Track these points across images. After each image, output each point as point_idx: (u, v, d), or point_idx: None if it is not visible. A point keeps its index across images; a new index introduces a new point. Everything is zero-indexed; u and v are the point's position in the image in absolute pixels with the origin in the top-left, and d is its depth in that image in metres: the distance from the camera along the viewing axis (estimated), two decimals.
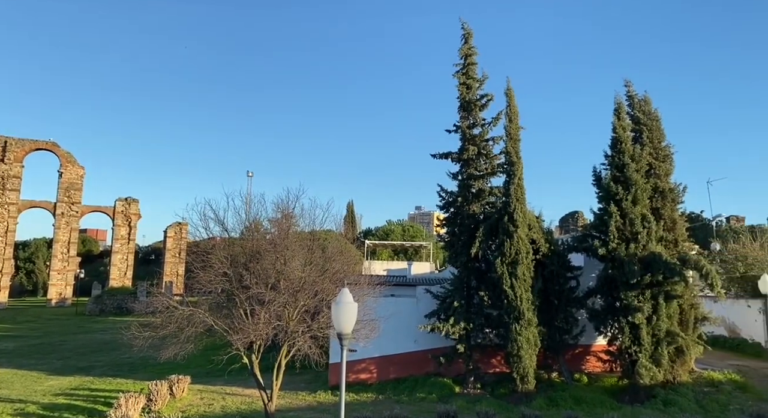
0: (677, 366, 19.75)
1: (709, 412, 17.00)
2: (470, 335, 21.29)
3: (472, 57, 22.80)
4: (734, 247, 34.90)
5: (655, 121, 22.75)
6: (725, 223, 53.13)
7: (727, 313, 29.09)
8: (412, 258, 50.07)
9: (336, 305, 7.32)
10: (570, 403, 18.16)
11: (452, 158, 23.21)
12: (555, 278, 21.40)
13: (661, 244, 21.00)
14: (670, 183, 22.61)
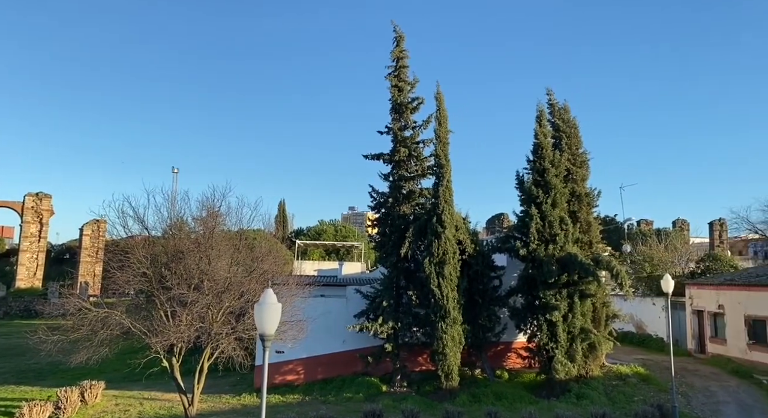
0: (590, 361, 21.00)
1: (616, 403, 18.22)
2: (398, 334, 21.59)
3: (403, 60, 23.15)
4: (643, 249, 37.52)
5: (574, 129, 24.10)
6: (636, 226, 57.00)
7: (635, 310, 31.24)
8: (344, 258, 50.02)
9: (259, 305, 7.21)
10: (491, 399, 18.85)
11: (384, 159, 23.45)
12: (479, 277, 22.12)
13: (577, 245, 22.23)
14: (586, 188, 24.02)
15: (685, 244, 42.11)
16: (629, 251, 39.38)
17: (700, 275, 32.69)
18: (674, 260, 36.52)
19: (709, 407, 17.62)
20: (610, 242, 39.01)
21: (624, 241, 43.98)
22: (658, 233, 48.44)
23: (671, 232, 51.04)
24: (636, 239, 43.21)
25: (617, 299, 26.69)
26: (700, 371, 22.74)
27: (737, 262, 40.06)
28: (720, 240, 59.71)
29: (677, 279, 28.34)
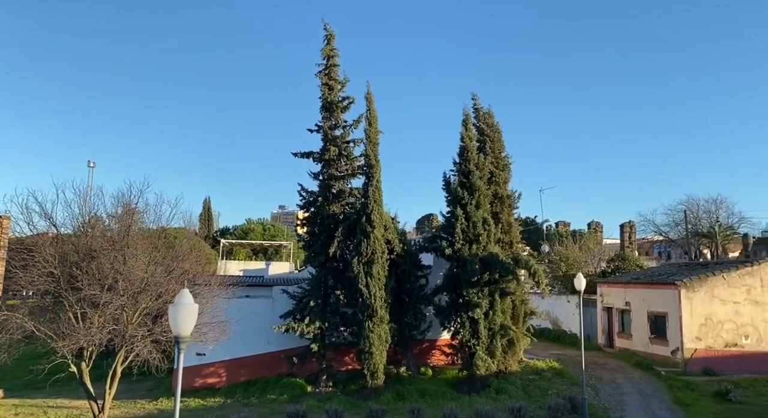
0: (509, 357, 21.88)
1: (532, 397, 19.10)
2: (325, 334, 21.50)
3: (334, 58, 23.08)
4: (559, 249, 39.61)
5: (497, 133, 25.01)
6: (553, 227, 60.12)
7: (552, 308, 32.94)
8: (272, 258, 49.08)
9: (174, 306, 6.93)
10: (415, 396, 19.19)
11: (314, 158, 23.26)
12: (407, 276, 22.45)
13: (499, 245, 23.08)
14: (508, 190, 25.00)
15: (598, 244, 44.90)
16: (547, 251, 41.44)
17: (611, 274, 34.96)
18: (588, 259, 38.85)
19: (615, 398, 18.87)
20: (529, 242, 40.94)
21: (542, 241, 46.27)
22: (574, 234, 51.35)
23: (586, 233, 54.26)
24: (553, 239, 45.55)
25: (535, 296, 27.98)
26: (609, 364, 24.31)
27: (643, 262, 43.23)
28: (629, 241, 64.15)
29: (590, 278, 30.18)
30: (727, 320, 23.47)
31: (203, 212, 64.84)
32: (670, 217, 60.79)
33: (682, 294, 23.27)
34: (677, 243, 62.20)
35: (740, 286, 23.88)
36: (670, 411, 17.26)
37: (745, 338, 23.46)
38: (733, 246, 66.49)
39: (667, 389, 19.80)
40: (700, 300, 23.41)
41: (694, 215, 58.47)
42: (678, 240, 60.82)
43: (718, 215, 58.89)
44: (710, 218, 59.05)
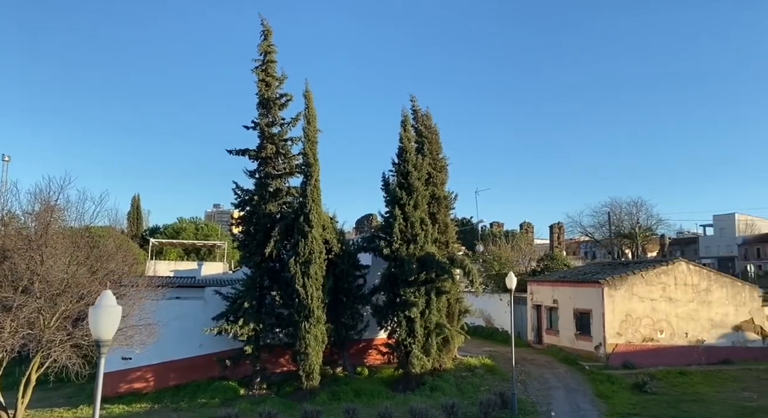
0: (443, 355, 22.32)
1: (465, 394, 19.58)
2: (260, 336, 21.07)
3: (271, 54, 22.65)
4: (493, 249, 40.89)
5: (435, 135, 25.47)
6: (488, 228, 62.11)
7: (485, 306, 33.89)
8: (205, 258, 47.54)
9: (95, 308, 6.55)
10: (351, 396, 19.19)
11: (250, 156, 22.74)
12: (345, 276, 22.39)
13: (436, 245, 23.47)
14: (445, 191, 25.50)
15: (529, 245, 46.67)
16: (481, 251, 42.68)
17: (540, 272, 36.45)
18: (519, 259, 40.34)
19: (542, 393, 19.68)
20: (464, 242, 42.01)
21: (477, 241, 47.60)
22: (507, 234, 53.19)
23: (518, 234, 56.30)
24: (488, 239, 46.96)
25: (469, 295, 28.68)
26: (537, 360, 25.31)
27: (570, 261, 45.35)
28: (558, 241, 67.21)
29: (521, 277, 31.30)
30: (645, 316, 25.04)
31: (132, 211, 61.83)
32: (596, 218, 64.45)
33: (605, 292, 24.60)
34: (602, 243, 65.89)
35: (657, 284, 25.56)
36: (592, 404, 18.20)
37: (660, 332, 25.12)
38: (652, 246, 71.29)
39: (590, 382, 20.86)
40: (621, 298, 24.84)
41: (617, 217, 62.18)
42: (602, 240, 64.42)
43: (639, 217, 62.97)
44: (631, 219, 62.99)
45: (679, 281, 25.91)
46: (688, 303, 25.75)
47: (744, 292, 27.07)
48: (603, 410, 17.41)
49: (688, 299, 25.79)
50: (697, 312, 25.80)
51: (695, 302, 25.88)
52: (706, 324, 25.83)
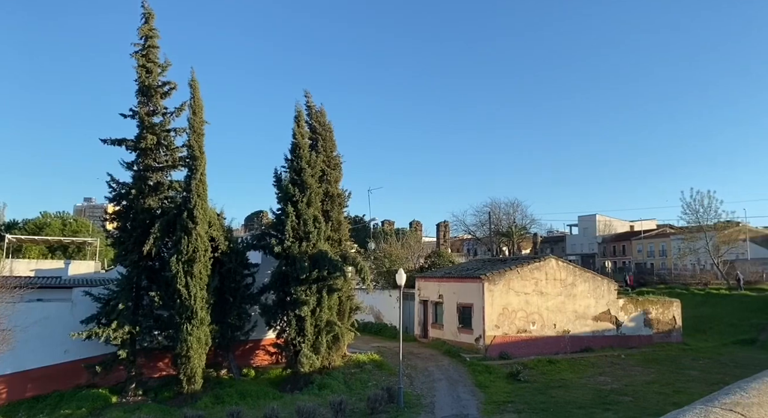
0: (333, 352, 22.36)
1: (353, 390, 19.81)
2: (136, 339, 19.66)
3: (153, 39, 21.17)
4: (384, 246, 41.78)
5: (329, 132, 25.44)
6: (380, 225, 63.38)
7: (375, 302, 34.52)
8: (73, 256, 43.31)
9: None
10: (236, 398, 18.58)
11: (128, 146, 21.09)
12: (232, 275, 21.64)
13: (329, 243, 23.49)
14: (339, 189, 25.57)
15: (418, 242, 48.33)
16: (373, 248, 43.43)
17: (427, 269, 37.90)
18: (409, 256, 41.63)
19: (427, 385, 20.49)
20: (357, 240, 42.44)
21: (369, 239, 48.33)
22: (398, 232, 54.61)
23: (408, 231, 58.02)
24: (379, 237, 47.91)
25: (360, 292, 29.05)
26: (423, 353, 26.28)
27: (455, 258, 47.67)
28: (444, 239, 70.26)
29: (409, 273, 32.28)
30: (520, 309, 27.02)
31: None
32: (478, 218, 68.42)
33: (485, 287, 26.16)
34: (483, 241, 70.05)
35: (530, 279, 27.68)
36: (471, 394, 19.27)
37: (533, 324, 27.25)
38: (526, 244, 77.11)
39: (470, 373, 22.07)
40: (499, 292, 26.58)
41: (497, 217, 66.47)
42: (483, 238, 68.50)
43: (515, 216, 67.78)
44: (509, 219, 67.67)
45: (549, 276, 28.28)
46: (557, 296, 28.20)
47: (603, 286, 30.21)
48: (481, 399, 18.51)
49: (557, 293, 28.24)
50: (564, 304, 28.33)
51: (563, 295, 28.41)
52: (572, 316, 28.46)
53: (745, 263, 50.64)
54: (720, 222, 49.33)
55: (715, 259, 48.07)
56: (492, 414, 16.61)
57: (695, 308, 36.91)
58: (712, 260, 48.44)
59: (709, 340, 32.70)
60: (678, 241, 58.92)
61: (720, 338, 33.08)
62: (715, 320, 36.41)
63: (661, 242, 68.45)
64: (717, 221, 49.09)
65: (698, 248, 49.78)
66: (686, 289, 45.00)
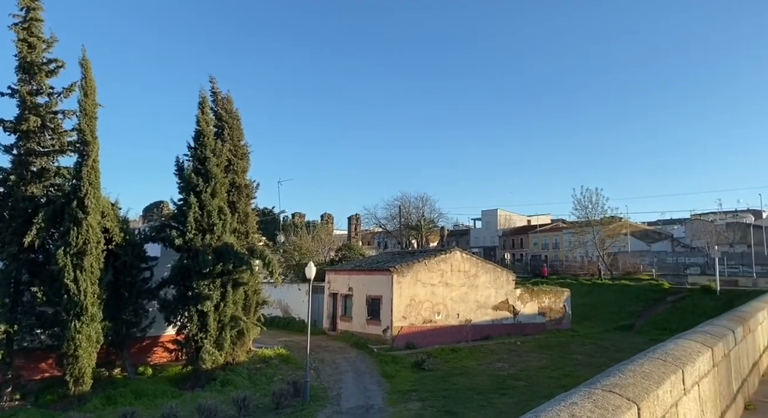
0: (237, 348, 21.76)
1: (258, 385, 19.41)
2: (13, 339, 17.89)
3: (36, 11, 19.23)
4: (294, 239, 41.21)
5: (236, 120, 24.51)
6: (290, 218, 62.38)
7: (283, 296, 33.98)
8: None
9: None
10: (130, 398, 17.53)
11: (6, 127, 19.11)
12: (128, 269, 20.37)
13: (235, 235, 22.75)
14: (246, 179, 24.77)
15: (329, 235, 48.22)
16: (282, 241, 42.69)
17: (338, 262, 37.93)
18: (319, 249, 41.40)
19: (334, 377, 20.55)
20: (265, 233, 41.50)
21: (278, 232, 47.45)
22: (308, 225, 54.08)
23: (319, 224, 57.67)
24: (289, 230, 47.15)
25: (268, 285, 28.49)
26: (331, 346, 26.31)
27: (366, 251, 48.13)
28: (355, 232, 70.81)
29: (320, 266, 32.12)
30: (426, 300, 27.85)
31: None
32: (389, 211, 69.65)
33: (394, 279, 26.68)
34: (393, 234, 71.44)
35: (437, 270, 28.61)
36: (377, 384, 19.60)
37: (438, 314, 28.21)
38: (433, 237, 79.78)
39: (377, 364, 22.43)
40: (407, 284, 27.22)
41: (407, 210, 68.04)
42: (393, 231, 69.87)
43: (424, 210, 69.79)
44: (418, 213, 69.55)
45: (454, 268, 29.40)
46: (461, 287, 29.40)
47: (502, 277, 31.94)
48: (387, 389, 18.88)
49: (461, 284, 29.44)
50: (467, 295, 29.60)
51: (466, 286, 29.67)
52: (473, 305, 29.81)
53: (625, 255, 55.83)
54: (605, 218, 54.01)
55: (600, 251, 52.55)
56: (397, 403, 17.01)
57: (583, 297, 40.05)
58: (598, 252, 52.88)
59: (594, 326, 35.71)
60: (569, 234, 63.79)
61: (603, 325, 36.24)
62: (600, 308, 39.81)
63: (555, 235, 73.55)
64: (603, 217, 53.69)
65: (586, 241, 54.18)
66: (575, 279, 48.74)
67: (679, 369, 3.64)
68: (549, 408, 2.47)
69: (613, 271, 50.97)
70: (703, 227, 65.07)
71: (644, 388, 3.01)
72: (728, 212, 75.88)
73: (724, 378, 5.28)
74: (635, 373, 3.29)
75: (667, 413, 3.20)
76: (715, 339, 5.12)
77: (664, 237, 68.54)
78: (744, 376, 6.61)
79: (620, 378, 3.12)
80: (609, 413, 2.49)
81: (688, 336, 5.03)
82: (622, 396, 2.78)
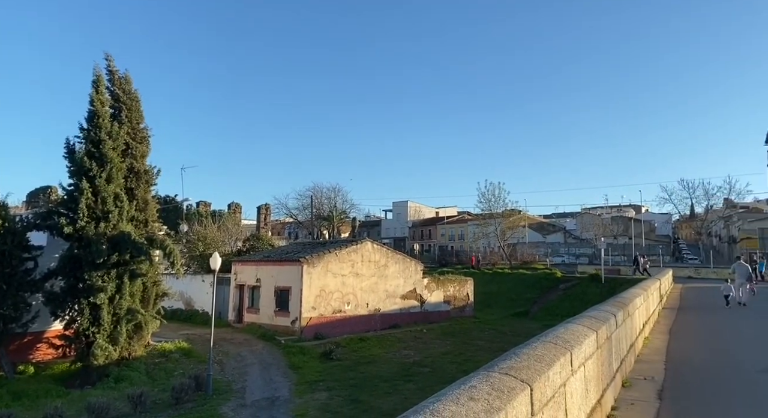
0: (134, 342, 20.51)
1: (156, 381, 18.44)
2: None
3: None
4: (199, 229, 39.44)
5: (135, 102, 22.86)
6: (194, 207, 59.56)
7: (186, 288, 32.48)
8: None
9: None
10: (7, 400, 15.98)
11: None
12: (7, 259, 18.65)
13: (133, 224, 21.39)
14: (146, 165, 23.25)
15: (237, 225, 46.70)
16: (186, 231, 40.71)
17: (246, 252, 36.87)
18: (225, 239, 39.98)
19: (239, 370, 20.02)
20: (167, 222, 39.39)
21: (182, 221, 45.16)
22: (215, 214, 52.01)
23: (226, 214, 55.65)
24: (193, 219, 45.06)
25: (169, 277, 27.11)
26: (236, 339, 25.58)
27: (275, 241, 47.24)
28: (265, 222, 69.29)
29: (226, 257, 31.06)
30: (336, 290, 27.88)
31: None
32: (300, 201, 68.81)
33: (305, 270, 26.42)
34: (304, 224, 70.72)
35: (347, 261, 28.71)
36: (284, 376, 19.37)
37: (347, 304, 28.35)
38: (345, 227, 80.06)
39: (285, 356, 22.15)
40: (318, 274, 27.07)
41: (319, 201, 67.63)
42: (305, 222, 69.18)
43: (336, 201, 69.73)
44: (330, 203, 69.38)
45: (365, 258, 29.67)
46: (371, 277, 29.75)
47: (411, 267, 32.72)
48: (294, 380, 18.72)
49: (371, 274, 29.79)
50: (377, 285, 30.02)
51: (376, 276, 30.07)
52: (383, 295, 30.31)
53: (523, 246, 59.41)
54: (507, 210, 57.01)
55: (501, 242, 55.47)
56: (304, 394, 16.93)
57: (485, 285, 42.08)
58: (499, 243, 55.77)
59: (494, 313, 37.70)
60: (474, 226, 66.66)
61: (503, 311, 38.37)
62: (500, 296, 42.09)
63: (460, 227, 76.56)
64: (504, 210, 56.63)
65: (489, 233, 56.92)
66: (478, 269, 51.07)
67: (568, 352, 3.92)
68: (450, 392, 2.56)
69: (512, 261, 54.00)
70: (591, 220, 70.81)
71: (537, 370, 3.21)
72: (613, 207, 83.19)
73: (606, 359, 5.78)
74: (529, 356, 3.50)
75: (556, 392, 3.44)
76: (599, 323, 5.58)
77: (558, 229, 73.67)
78: (623, 356, 7.28)
79: (516, 361, 3.30)
80: (504, 395, 2.63)
81: (577, 321, 5.44)
82: (516, 378, 2.95)
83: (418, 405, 2.35)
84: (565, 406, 3.69)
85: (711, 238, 67.08)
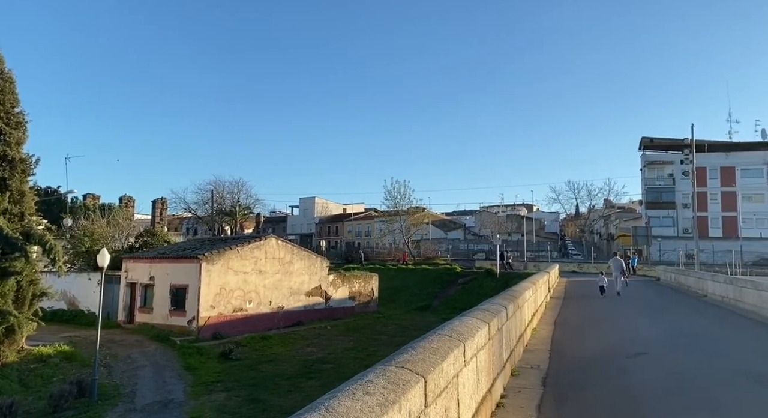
0: (5, 347, 18.50)
1: (31, 388, 16.74)
2: None
3: None
4: (85, 223, 36.36)
5: (9, 83, 20.47)
6: (81, 200, 54.81)
7: (69, 286, 29.86)
8: None
9: None
10: None
11: None
12: None
13: (5, 217, 19.34)
14: (22, 153, 20.99)
15: (129, 220, 43.59)
16: (70, 225, 37.39)
17: (139, 249, 34.59)
18: (116, 235, 37.21)
19: (128, 374, 18.72)
20: (49, 215, 35.97)
21: (65, 215, 41.38)
22: (104, 208, 48.19)
23: (116, 207, 51.78)
24: (79, 213, 41.48)
25: (50, 275, 24.77)
26: (126, 340, 23.91)
27: (172, 237, 44.80)
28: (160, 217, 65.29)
29: (116, 254, 28.99)
30: (237, 288, 26.99)
31: None
32: (200, 195, 65.69)
33: (203, 267, 25.29)
34: (204, 220, 67.61)
35: (250, 258, 27.89)
36: (179, 378, 18.42)
37: (249, 302, 27.55)
38: (249, 223, 77.66)
39: (180, 357, 21.06)
40: (218, 272, 26.03)
41: (220, 195, 64.98)
42: (205, 217, 66.15)
43: (239, 196, 67.43)
44: (233, 198, 66.95)
45: (269, 255, 29.00)
46: (275, 274, 29.14)
47: (317, 263, 32.50)
48: (189, 381, 17.87)
49: (275, 271, 29.19)
50: (281, 282, 29.48)
51: (280, 273, 29.51)
52: (287, 292, 29.82)
53: (427, 242, 61.29)
54: (411, 208, 58.52)
55: (406, 238, 56.85)
56: (200, 395, 16.24)
57: (389, 281, 42.87)
58: (404, 239, 57.11)
59: (398, 308, 38.54)
60: (380, 223, 67.67)
61: (406, 306, 39.34)
62: (404, 291, 43.12)
63: (367, 223, 77.32)
64: (409, 207, 58.09)
65: (395, 229, 58.11)
66: (383, 264, 51.93)
67: (461, 344, 4.09)
68: (346, 387, 2.57)
69: (416, 257, 55.54)
70: (488, 217, 74.61)
71: (431, 362, 3.31)
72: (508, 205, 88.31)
73: (497, 349, 6.11)
74: (425, 349, 3.60)
75: (449, 383, 3.58)
76: (491, 315, 5.89)
77: (459, 226, 76.80)
78: (512, 346, 7.75)
79: (412, 354, 3.39)
80: (399, 388, 2.69)
81: (471, 313, 5.70)
82: (412, 371, 3.03)
83: (314, 402, 2.33)
84: (458, 396, 3.85)
85: (593, 235, 73.30)
